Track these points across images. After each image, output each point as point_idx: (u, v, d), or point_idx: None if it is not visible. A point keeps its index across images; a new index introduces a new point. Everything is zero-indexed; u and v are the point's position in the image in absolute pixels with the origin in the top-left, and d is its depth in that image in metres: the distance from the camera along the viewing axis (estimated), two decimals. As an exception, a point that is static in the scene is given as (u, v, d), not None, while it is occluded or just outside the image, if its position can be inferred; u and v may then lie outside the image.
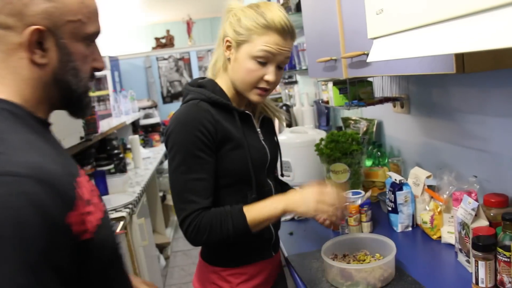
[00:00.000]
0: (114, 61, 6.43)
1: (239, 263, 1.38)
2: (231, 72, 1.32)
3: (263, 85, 1.30)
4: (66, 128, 2.50)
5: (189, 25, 7.03)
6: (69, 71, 0.83)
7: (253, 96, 1.32)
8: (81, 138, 2.77)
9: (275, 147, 1.48)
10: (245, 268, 1.39)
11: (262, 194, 1.36)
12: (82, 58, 0.85)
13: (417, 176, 1.64)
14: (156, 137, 5.26)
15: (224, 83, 1.35)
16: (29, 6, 0.76)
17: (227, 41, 1.30)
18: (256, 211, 1.26)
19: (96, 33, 0.87)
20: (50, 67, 0.81)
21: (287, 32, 1.28)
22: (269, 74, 1.29)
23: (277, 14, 1.26)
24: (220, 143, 1.27)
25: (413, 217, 1.64)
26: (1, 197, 0.65)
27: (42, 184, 0.68)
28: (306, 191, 1.28)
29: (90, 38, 0.86)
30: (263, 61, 1.27)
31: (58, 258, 0.70)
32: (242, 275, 1.38)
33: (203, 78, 1.40)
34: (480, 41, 0.59)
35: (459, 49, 0.63)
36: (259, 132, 1.41)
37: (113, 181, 3.00)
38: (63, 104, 0.88)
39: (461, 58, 0.94)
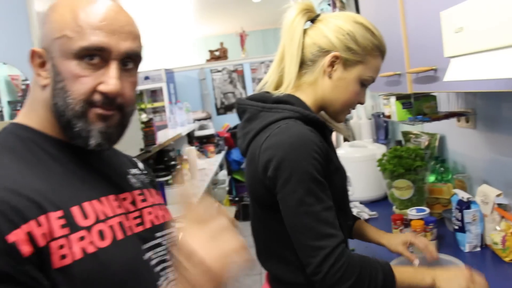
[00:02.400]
0: (170, 73, 6.60)
1: None
2: (328, 90, 1.16)
3: (354, 106, 1.22)
4: (127, 140, 2.57)
5: (242, 37, 7.11)
6: (58, 93, 0.78)
7: (342, 117, 1.22)
8: (141, 149, 2.85)
9: None
10: None
11: (348, 222, 1.22)
12: (71, 78, 0.77)
13: (486, 194, 1.58)
14: (211, 148, 5.32)
15: (306, 98, 1.17)
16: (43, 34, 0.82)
17: (335, 56, 1.13)
18: (403, 274, 1.08)
19: (91, 47, 0.76)
20: (49, 88, 0.80)
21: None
22: (364, 97, 1.20)
23: (381, 35, 1.16)
24: (326, 166, 1.09)
25: (482, 237, 1.58)
26: None
27: None
28: (457, 272, 1.13)
29: (83, 53, 0.77)
30: (367, 84, 1.18)
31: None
32: None
33: (268, 92, 1.21)
34: None
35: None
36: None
37: (171, 193, 3.05)
38: (62, 128, 0.81)
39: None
